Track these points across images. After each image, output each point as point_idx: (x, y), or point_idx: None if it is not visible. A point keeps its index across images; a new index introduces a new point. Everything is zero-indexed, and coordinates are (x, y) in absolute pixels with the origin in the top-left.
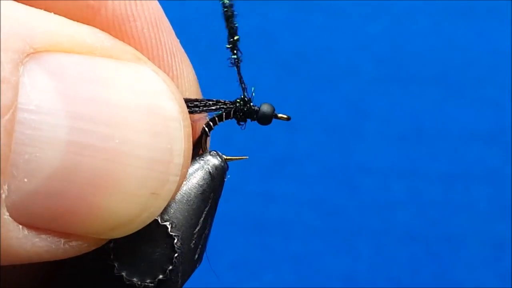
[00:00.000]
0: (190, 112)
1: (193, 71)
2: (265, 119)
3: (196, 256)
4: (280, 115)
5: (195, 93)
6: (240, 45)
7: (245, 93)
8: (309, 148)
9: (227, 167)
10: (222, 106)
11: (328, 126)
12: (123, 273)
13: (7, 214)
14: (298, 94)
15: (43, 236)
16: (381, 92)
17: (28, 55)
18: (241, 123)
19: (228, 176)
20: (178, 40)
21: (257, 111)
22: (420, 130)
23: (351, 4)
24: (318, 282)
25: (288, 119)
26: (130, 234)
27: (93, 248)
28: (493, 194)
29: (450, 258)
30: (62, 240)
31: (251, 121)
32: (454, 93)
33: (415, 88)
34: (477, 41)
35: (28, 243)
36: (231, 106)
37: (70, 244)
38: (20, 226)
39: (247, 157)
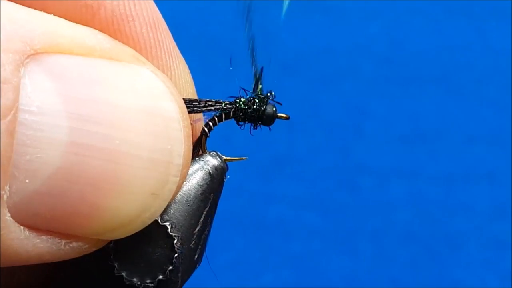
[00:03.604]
0: (189, 113)
1: (189, 72)
2: (269, 119)
3: (196, 256)
4: (280, 114)
5: (191, 94)
6: (240, 44)
7: (258, 93)
8: (309, 148)
9: (227, 167)
10: (221, 106)
11: (328, 126)
12: (123, 273)
13: (9, 215)
14: (298, 94)
15: (44, 237)
16: (381, 92)
17: (28, 56)
18: (240, 123)
19: (228, 176)
20: (174, 41)
21: (262, 111)
22: (420, 130)
23: (351, 4)
24: (318, 282)
25: (287, 118)
26: (130, 235)
27: (94, 249)
28: (493, 194)
29: (450, 258)
30: (63, 241)
31: (253, 123)
32: (454, 93)
33: (415, 88)
34: (477, 41)
35: (29, 244)
36: (231, 106)
37: (71, 245)
38: (22, 227)
39: (247, 157)
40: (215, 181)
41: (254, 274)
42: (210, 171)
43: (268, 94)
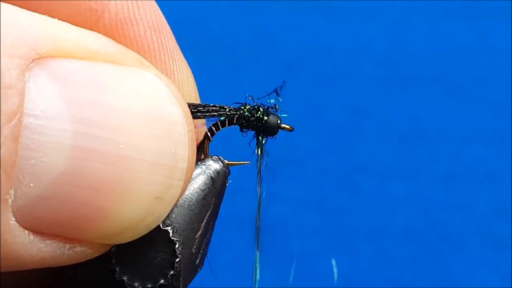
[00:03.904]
0: (193, 117)
1: (192, 75)
2: (272, 129)
3: (198, 261)
4: (283, 125)
5: (194, 97)
6: (240, 45)
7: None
8: (309, 148)
9: (229, 172)
10: (225, 112)
11: (328, 126)
12: (125, 278)
13: (13, 219)
14: (298, 94)
15: (48, 241)
16: (381, 92)
17: (33, 60)
18: (244, 130)
19: (230, 181)
20: (177, 44)
21: (265, 122)
22: (420, 130)
23: (351, 4)
24: (318, 282)
25: (291, 130)
26: (132, 240)
27: (97, 254)
28: (493, 194)
29: (450, 258)
30: (67, 246)
31: (256, 131)
32: (454, 93)
33: (415, 88)
34: (477, 41)
35: (33, 249)
36: (235, 112)
37: (75, 249)
38: (26, 232)
39: (249, 162)
40: (217, 186)
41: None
42: (212, 176)
43: (272, 106)
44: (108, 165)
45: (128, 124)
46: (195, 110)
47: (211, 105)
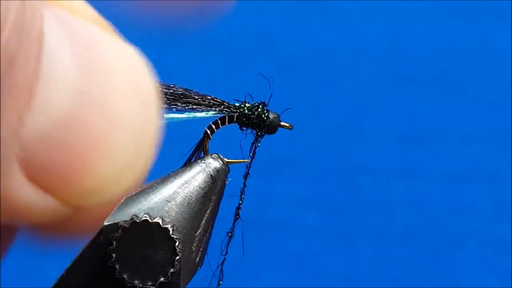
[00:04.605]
0: (192, 109)
1: None
2: (272, 128)
3: (198, 258)
4: (283, 123)
5: None
6: (240, 44)
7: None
8: (309, 148)
9: (228, 170)
10: (226, 109)
11: (328, 126)
12: (125, 276)
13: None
14: (298, 94)
15: (32, 187)
16: (381, 92)
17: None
18: (243, 128)
19: (229, 179)
20: None
21: (265, 120)
22: (420, 130)
23: (351, 4)
24: (318, 282)
25: (291, 127)
26: (132, 237)
27: (67, 216)
28: (493, 194)
29: (450, 258)
30: (45, 195)
31: (255, 129)
32: (454, 93)
33: (415, 88)
34: (477, 41)
35: (24, 192)
36: (235, 111)
37: (49, 201)
38: (27, 180)
39: (248, 160)
40: (217, 184)
41: (254, 274)
42: (212, 174)
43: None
44: (101, 116)
45: (120, 85)
46: (195, 100)
47: (213, 97)
